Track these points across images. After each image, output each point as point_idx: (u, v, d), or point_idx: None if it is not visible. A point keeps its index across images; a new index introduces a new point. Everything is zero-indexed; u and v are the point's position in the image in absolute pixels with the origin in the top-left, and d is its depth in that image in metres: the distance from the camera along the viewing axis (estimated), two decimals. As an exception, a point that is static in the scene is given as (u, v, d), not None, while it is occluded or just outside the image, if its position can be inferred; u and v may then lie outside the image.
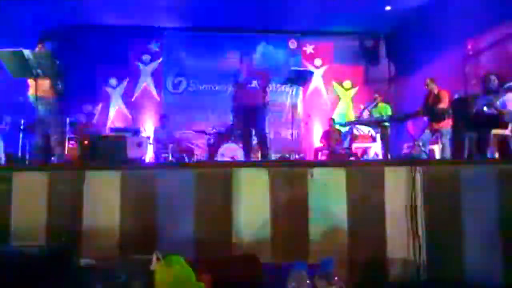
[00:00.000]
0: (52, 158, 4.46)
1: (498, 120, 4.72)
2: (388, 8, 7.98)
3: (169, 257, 2.20)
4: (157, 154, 7.68)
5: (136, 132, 7.66)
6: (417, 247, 2.52)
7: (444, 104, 5.56)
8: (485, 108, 4.92)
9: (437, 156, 5.57)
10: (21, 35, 6.09)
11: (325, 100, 9.60)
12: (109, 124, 8.36)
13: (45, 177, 2.62)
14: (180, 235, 2.52)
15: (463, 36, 6.67)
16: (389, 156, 6.22)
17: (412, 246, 2.54)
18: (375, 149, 6.40)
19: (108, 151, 4.71)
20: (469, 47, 6.62)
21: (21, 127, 6.05)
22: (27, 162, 5.49)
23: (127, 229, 2.55)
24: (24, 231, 2.52)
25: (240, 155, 6.08)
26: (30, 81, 4.19)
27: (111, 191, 2.60)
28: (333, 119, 8.45)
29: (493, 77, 4.97)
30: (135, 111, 9.01)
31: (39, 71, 3.82)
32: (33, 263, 2.03)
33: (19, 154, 5.95)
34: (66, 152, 4.83)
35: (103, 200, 2.60)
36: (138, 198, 2.61)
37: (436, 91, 5.70)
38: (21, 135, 6.05)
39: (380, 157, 6.20)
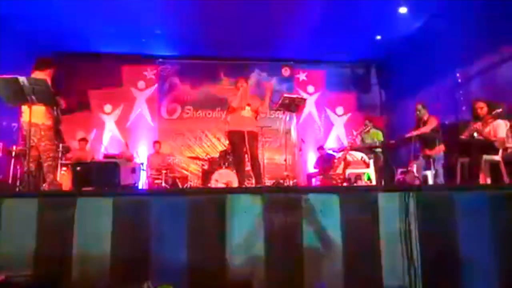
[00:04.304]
0: (44, 184, 4.40)
1: (489, 146, 4.78)
2: (378, 37, 8.21)
3: (161, 287, 2.16)
4: (150, 180, 7.63)
5: (130, 158, 7.63)
6: (412, 273, 2.50)
7: (430, 127, 5.63)
8: (475, 135, 4.99)
9: (430, 182, 5.59)
10: (15, 62, 6.14)
11: (318, 126, 9.70)
12: (103, 150, 8.33)
13: (35, 204, 2.58)
14: (173, 264, 2.47)
15: (452, 64, 6.85)
16: (382, 182, 6.22)
17: (407, 272, 2.51)
18: (368, 175, 6.41)
19: (101, 177, 4.68)
20: (458, 74, 6.78)
21: (13, 153, 6.00)
22: (17, 189, 5.41)
23: (118, 257, 2.50)
24: (12, 260, 2.45)
25: (234, 181, 6.05)
26: (24, 108, 4.18)
27: (103, 218, 2.56)
28: (322, 147, 8.51)
29: (482, 104, 5.07)
30: (129, 137, 9.01)
31: (33, 97, 3.82)
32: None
33: (10, 180, 5.87)
34: (58, 179, 4.77)
35: (94, 227, 2.55)
36: (131, 225, 2.57)
37: (426, 117, 5.78)
38: (12, 162, 5.98)
39: (373, 183, 6.20)
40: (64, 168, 6.36)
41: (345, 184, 6.10)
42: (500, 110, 4.87)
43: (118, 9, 6.89)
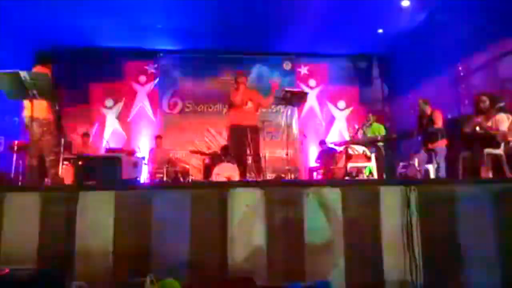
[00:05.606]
0: (46, 179, 4.41)
1: (491, 140, 4.76)
2: (380, 31, 8.16)
3: (163, 281, 2.17)
4: (152, 174, 7.64)
5: (132, 152, 7.64)
6: (414, 267, 2.50)
7: (438, 125, 5.60)
8: (477, 128, 4.97)
9: (432, 175, 5.58)
10: (16, 57, 6.14)
11: (320, 120, 9.68)
12: (105, 144, 8.33)
13: (38, 198, 2.59)
14: (175, 257, 2.48)
15: (454, 58, 6.81)
16: (384, 176, 6.22)
17: (409, 267, 2.51)
18: (369, 169, 6.39)
19: (103, 171, 4.68)
20: (461, 68, 6.74)
21: (15, 148, 6.01)
22: (19, 184, 5.43)
23: (120, 251, 2.51)
24: (15, 254, 2.47)
25: (235, 175, 6.05)
26: (26, 102, 4.18)
27: (105, 212, 2.57)
28: (324, 141, 8.50)
29: (484, 98, 5.04)
30: (130, 132, 9.02)
31: (35, 92, 3.82)
32: (24, 287, 1.99)
33: (12, 175, 5.88)
34: (60, 173, 4.78)
35: (97, 221, 2.56)
36: (133, 219, 2.58)
37: (429, 112, 5.75)
38: (14, 156, 5.99)
39: (375, 177, 6.20)
40: (66, 163, 6.37)
41: (346, 178, 6.10)
42: (503, 103, 4.85)
43: (119, 2, 6.85)
